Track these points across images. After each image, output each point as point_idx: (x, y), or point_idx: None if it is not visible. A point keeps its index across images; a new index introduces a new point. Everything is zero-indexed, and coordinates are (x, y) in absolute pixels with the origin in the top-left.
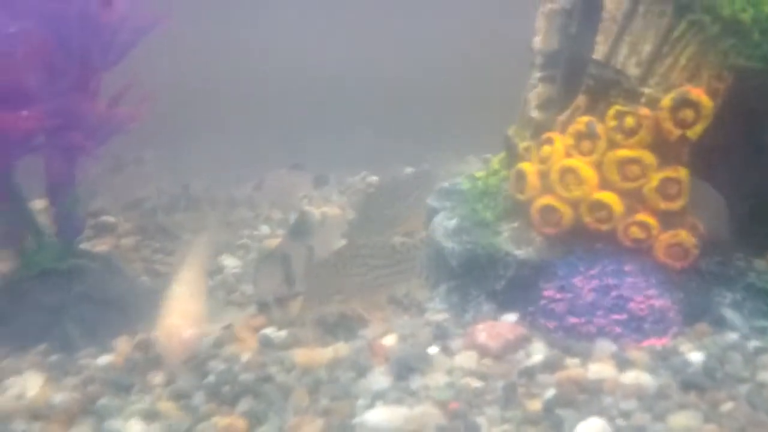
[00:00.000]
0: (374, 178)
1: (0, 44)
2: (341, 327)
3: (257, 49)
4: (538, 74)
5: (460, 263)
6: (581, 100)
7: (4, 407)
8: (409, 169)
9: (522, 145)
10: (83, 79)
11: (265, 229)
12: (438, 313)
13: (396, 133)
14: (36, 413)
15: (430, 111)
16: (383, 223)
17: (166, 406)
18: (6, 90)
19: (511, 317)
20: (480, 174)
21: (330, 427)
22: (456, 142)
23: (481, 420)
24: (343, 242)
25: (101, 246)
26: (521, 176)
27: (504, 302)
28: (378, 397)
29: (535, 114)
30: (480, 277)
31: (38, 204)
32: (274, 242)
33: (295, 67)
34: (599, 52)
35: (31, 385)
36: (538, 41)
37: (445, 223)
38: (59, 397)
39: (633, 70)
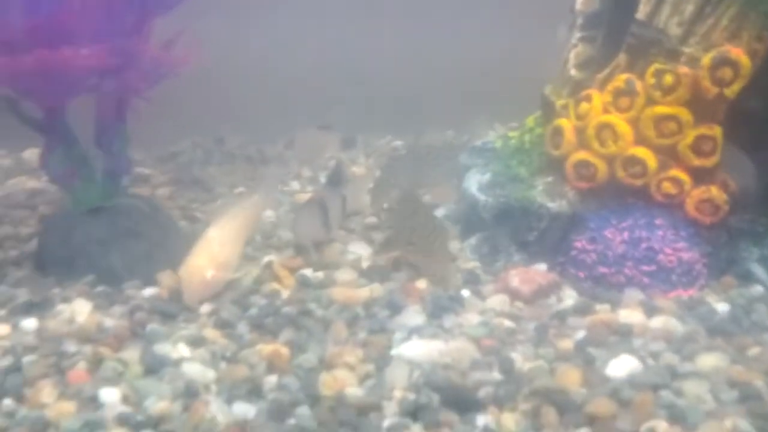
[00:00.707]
0: (399, 143)
1: None
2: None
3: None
4: (578, 34)
5: (492, 215)
6: (621, 58)
7: (57, 330)
8: (435, 135)
9: (559, 102)
10: (139, 21)
11: (295, 185)
12: (468, 261)
13: (424, 105)
14: (86, 336)
15: (460, 91)
16: (409, 183)
17: (212, 333)
18: (66, 28)
19: (541, 267)
20: (512, 133)
21: (368, 357)
22: (482, 113)
23: (514, 356)
24: (368, 199)
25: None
26: (558, 132)
27: (534, 253)
28: (413, 332)
29: (574, 72)
30: (511, 229)
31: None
32: (306, 197)
33: (350, 59)
34: (642, 12)
35: (79, 311)
36: (579, 2)
37: (478, 177)
38: (109, 322)
39: (674, 30)
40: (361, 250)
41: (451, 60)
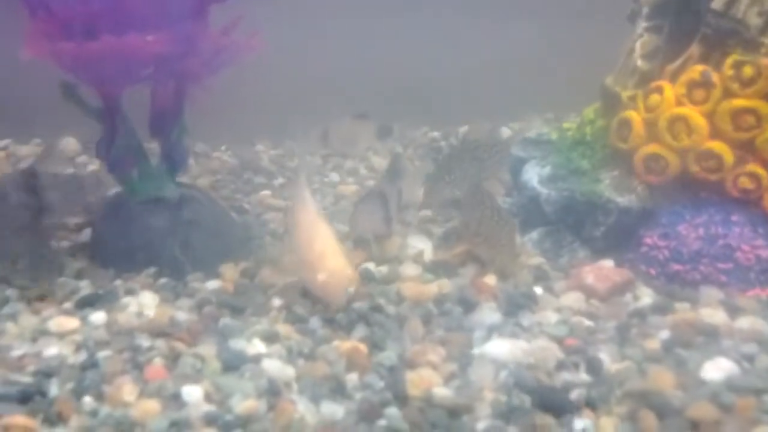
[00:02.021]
0: (436, 134)
1: None
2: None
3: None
4: (644, 24)
5: (555, 209)
6: (694, 49)
7: (127, 323)
8: (473, 127)
9: (625, 94)
10: (200, 7)
11: (334, 176)
12: (532, 257)
13: (459, 97)
14: (159, 331)
15: (494, 83)
16: (463, 178)
17: (284, 328)
18: (129, 13)
19: (607, 263)
20: (569, 124)
21: (450, 356)
22: (516, 104)
23: (602, 356)
24: (421, 191)
25: None
26: (625, 124)
27: (600, 248)
28: (493, 330)
29: (640, 63)
30: (575, 224)
31: None
32: (348, 188)
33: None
34: (718, 1)
35: (147, 304)
36: None
37: (537, 170)
38: (181, 316)
39: (754, 20)
40: (421, 244)
41: (486, 53)
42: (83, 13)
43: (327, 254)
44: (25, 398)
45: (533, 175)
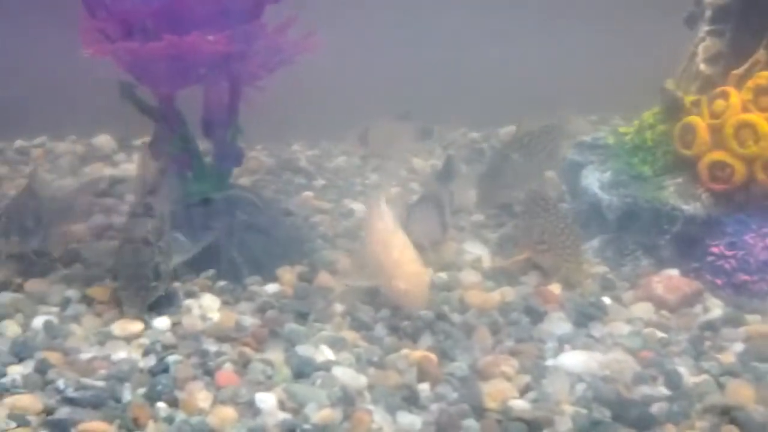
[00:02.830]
0: (475, 135)
1: None
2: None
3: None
4: (706, 28)
5: (617, 216)
6: (761, 54)
7: (193, 327)
8: (510, 128)
9: (688, 99)
10: (256, 7)
11: (374, 177)
12: (594, 265)
13: (496, 100)
14: (225, 335)
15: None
16: (515, 178)
17: (350, 335)
18: (188, 15)
19: (672, 273)
20: (625, 129)
21: (523, 367)
22: (558, 106)
23: (679, 369)
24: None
25: None
26: (689, 130)
27: (664, 257)
28: (564, 341)
29: (703, 67)
30: (638, 231)
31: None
32: (393, 191)
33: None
34: None
35: (208, 307)
36: None
37: (597, 175)
38: (247, 321)
39: None
40: (477, 250)
41: (527, 54)
42: (143, 14)
43: (405, 261)
44: (98, 403)
45: (593, 180)
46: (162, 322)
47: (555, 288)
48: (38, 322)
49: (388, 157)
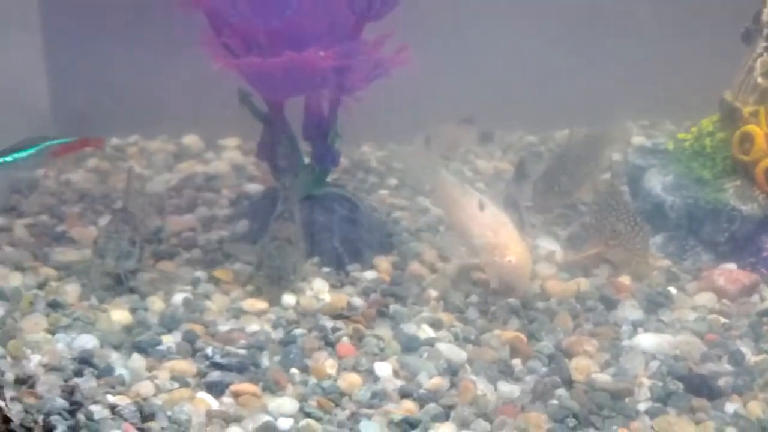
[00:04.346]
0: (531, 138)
1: None
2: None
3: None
4: (764, 44)
5: (679, 216)
6: None
7: (310, 306)
8: (567, 132)
9: (746, 109)
10: (358, 26)
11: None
12: (658, 260)
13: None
14: (337, 313)
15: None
16: (569, 183)
17: (446, 317)
18: (307, 32)
19: (730, 266)
20: (684, 135)
21: (603, 347)
22: (608, 110)
23: (742, 349)
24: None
25: None
26: (747, 138)
27: (722, 253)
28: (637, 325)
29: (761, 80)
30: (698, 229)
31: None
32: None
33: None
34: None
35: (319, 290)
36: (766, 13)
37: (660, 178)
38: (358, 302)
39: None
40: (550, 246)
41: (579, 59)
42: (261, 32)
43: (514, 239)
44: (242, 368)
45: (656, 183)
46: (288, 301)
47: (625, 279)
48: (177, 298)
49: (452, 160)
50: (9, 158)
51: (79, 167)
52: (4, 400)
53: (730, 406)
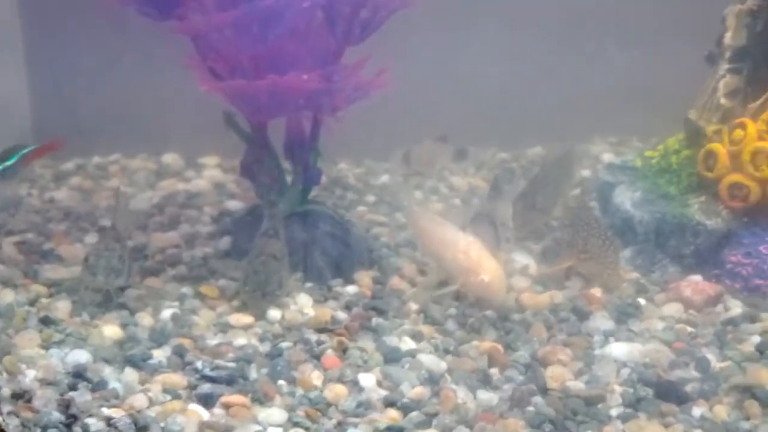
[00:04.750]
0: (504, 155)
1: (293, 18)
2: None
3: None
4: (726, 66)
5: (647, 230)
6: None
7: (294, 320)
8: (539, 149)
9: (710, 128)
10: (339, 50)
11: (418, 194)
12: (627, 272)
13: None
14: (321, 327)
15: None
16: (545, 201)
17: (426, 329)
18: (291, 56)
19: (696, 278)
20: (651, 153)
21: (576, 356)
22: (578, 127)
23: (708, 356)
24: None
25: None
26: (711, 156)
27: (688, 265)
28: (608, 335)
29: (724, 101)
30: (665, 243)
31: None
32: (435, 206)
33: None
34: None
35: (303, 304)
36: (728, 37)
37: (629, 194)
38: (341, 315)
39: None
40: (524, 259)
41: (549, 75)
42: (246, 56)
43: (485, 259)
44: (231, 381)
45: (625, 199)
46: (274, 315)
47: (596, 291)
48: (166, 314)
49: (428, 176)
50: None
51: (62, 185)
52: (1, 414)
53: (697, 410)
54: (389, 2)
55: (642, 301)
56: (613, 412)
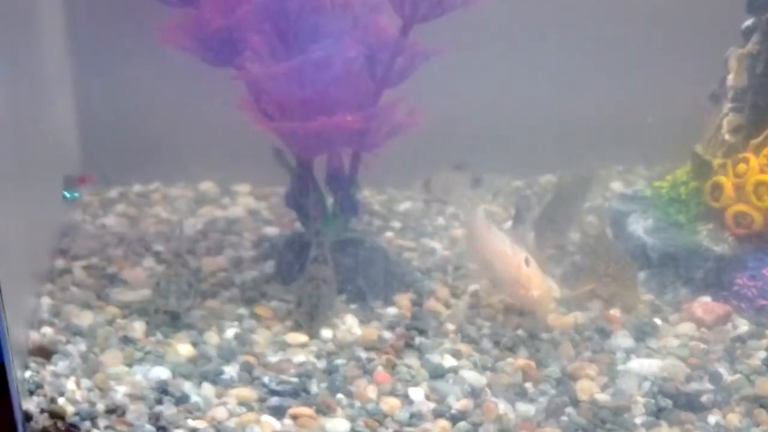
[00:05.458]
0: (518, 182)
1: (340, 66)
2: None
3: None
4: (729, 105)
5: (659, 255)
6: None
7: (345, 339)
8: (548, 176)
9: (716, 162)
10: (377, 93)
11: (441, 220)
12: (642, 294)
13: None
14: (371, 345)
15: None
16: (563, 223)
17: (464, 347)
18: (336, 99)
19: (706, 299)
20: (660, 183)
21: (601, 371)
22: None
23: (720, 370)
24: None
25: None
26: (717, 187)
27: (698, 287)
28: (630, 352)
29: (728, 137)
30: (675, 267)
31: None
32: (458, 232)
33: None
34: None
35: (350, 324)
36: (730, 78)
37: (642, 222)
38: (387, 335)
39: None
40: (546, 282)
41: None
42: (297, 100)
43: (535, 275)
44: (295, 394)
45: (638, 226)
46: (325, 334)
47: (615, 312)
48: (229, 333)
49: (447, 203)
50: (76, 194)
51: (109, 212)
52: (98, 429)
53: (712, 419)
54: (424, 51)
55: (658, 320)
56: (638, 421)
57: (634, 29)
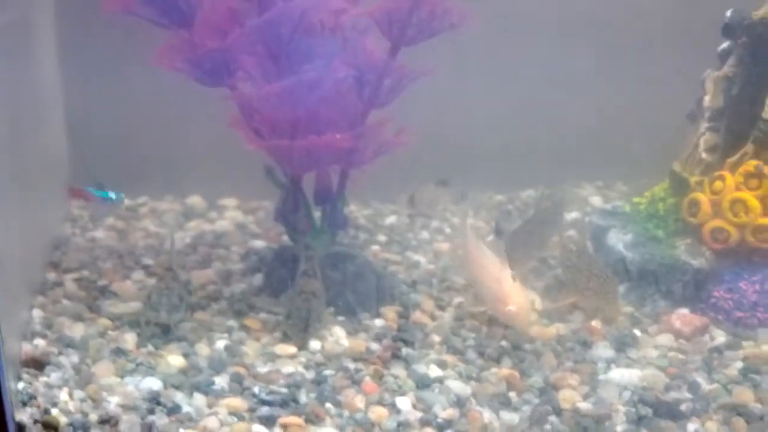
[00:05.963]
0: (500, 197)
1: (329, 87)
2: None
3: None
4: (706, 125)
5: (638, 269)
6: (749, 147)
7: (332, 350)
8: (531, 192)
9: (693, 179)
10: (365, 112)
11: (425, 234)
12: (622, 306)
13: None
14: (358, 356)
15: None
16: (538, 240)
17: (449, 358)
18: (325, 118)
19: (684, 311)
20: (639, 199)
21: (583, 381)
22: (565, 171)
23: (698, 380)
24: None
25: None
26: (695, 204)
27: (676, 300)
28: (611, 362)
29: (705, 156)
30: (654, 281)
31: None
32: (442, 246)
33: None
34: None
35: (338, 336)
36: (707, 100)
37: (621, 237)
38: (374, 346)
39: None
40: (529, 295)
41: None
42: (287, 119)
43: (514, 290)
44: (284, 404)
45: (617, 241)
46: (313, 345)
47: (596, 324)
48: (219, 344)
49: (432, 218)
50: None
51: (98, 225)
52: None
53: (692, 426)
54: (411, 72)
55: (637, 332)
56: (619, 429)
57: (612, 49)
